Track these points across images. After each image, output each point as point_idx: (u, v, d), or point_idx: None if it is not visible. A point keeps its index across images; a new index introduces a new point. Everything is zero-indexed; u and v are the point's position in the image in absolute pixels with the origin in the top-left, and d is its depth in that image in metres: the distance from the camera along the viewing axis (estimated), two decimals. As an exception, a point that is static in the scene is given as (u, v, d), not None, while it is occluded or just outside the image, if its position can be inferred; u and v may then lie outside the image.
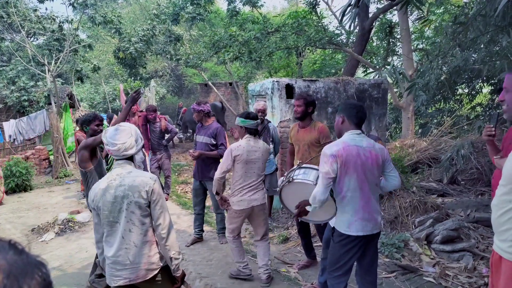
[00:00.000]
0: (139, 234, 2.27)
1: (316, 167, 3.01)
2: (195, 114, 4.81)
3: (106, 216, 2.28)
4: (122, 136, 2.29)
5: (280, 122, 5.77)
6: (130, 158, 2.39)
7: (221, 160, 3.69)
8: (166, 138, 7.19)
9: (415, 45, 12.49)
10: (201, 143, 4.74)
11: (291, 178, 2.90)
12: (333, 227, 2.71)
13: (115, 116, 9.63)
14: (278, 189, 3.02)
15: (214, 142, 4.70)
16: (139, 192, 2.23)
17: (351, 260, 2.64)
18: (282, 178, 3.32)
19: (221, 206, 3.72)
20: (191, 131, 15.35)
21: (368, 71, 12.27)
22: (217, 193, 3.59)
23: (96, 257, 3.00)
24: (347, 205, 2.57)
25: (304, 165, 3.04)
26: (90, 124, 3.74)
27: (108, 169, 7.49)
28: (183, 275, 2.44)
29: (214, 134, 4.70)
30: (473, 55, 7.20)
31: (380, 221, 2.66)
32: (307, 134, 3.83)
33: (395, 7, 8.29)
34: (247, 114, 3.59)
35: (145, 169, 7.13)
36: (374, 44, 13.38)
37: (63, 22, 12.59)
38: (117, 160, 2.34)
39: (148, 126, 6.89)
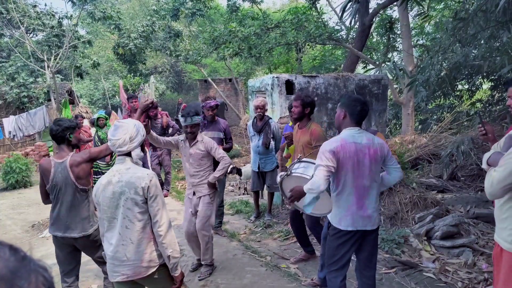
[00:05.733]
0: (135, 231, 2.26)
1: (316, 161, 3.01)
2: (209, 111, 4.86)
3: (105, 211, 2.30)
4: (118, 132, 2.32)
5: (280, 118, 5.76)
6: (129, 154, 2.40)
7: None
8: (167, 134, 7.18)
9: (415, 41, 12.46)
10: (212, 138, 4.73)
11: (290, 172, 2.92)
12: (329, 221, 2.74)
13: (113, 112, 9.63)
14: (278, 181, 3.04)
15: (223, 137, 4.96)
16: (135, 188, 2.23)
17: (347, 254, 2.67)
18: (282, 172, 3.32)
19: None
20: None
21: (368, 67, 12.24)
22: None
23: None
24: (340, 200, 2.61)
25: (304, 159, 3.05)
26: (74, 132, 3.06)
27: (111, 165, 7.52)
28: (182, 276, 2.41)
29: (224, 129, 4.97)
30: (473, 51, 7.19)
31: (377, 218, 2.66)
32: (303, 135, 3.80)
33: (395, 3, 8.26)
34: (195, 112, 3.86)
35: (145, 165, 7.13)
36: (374, 40, 13.36)
37: (62, 18, 12.57)
38: (118, 156, 2.37)
39: (150, 122, 6.88)
